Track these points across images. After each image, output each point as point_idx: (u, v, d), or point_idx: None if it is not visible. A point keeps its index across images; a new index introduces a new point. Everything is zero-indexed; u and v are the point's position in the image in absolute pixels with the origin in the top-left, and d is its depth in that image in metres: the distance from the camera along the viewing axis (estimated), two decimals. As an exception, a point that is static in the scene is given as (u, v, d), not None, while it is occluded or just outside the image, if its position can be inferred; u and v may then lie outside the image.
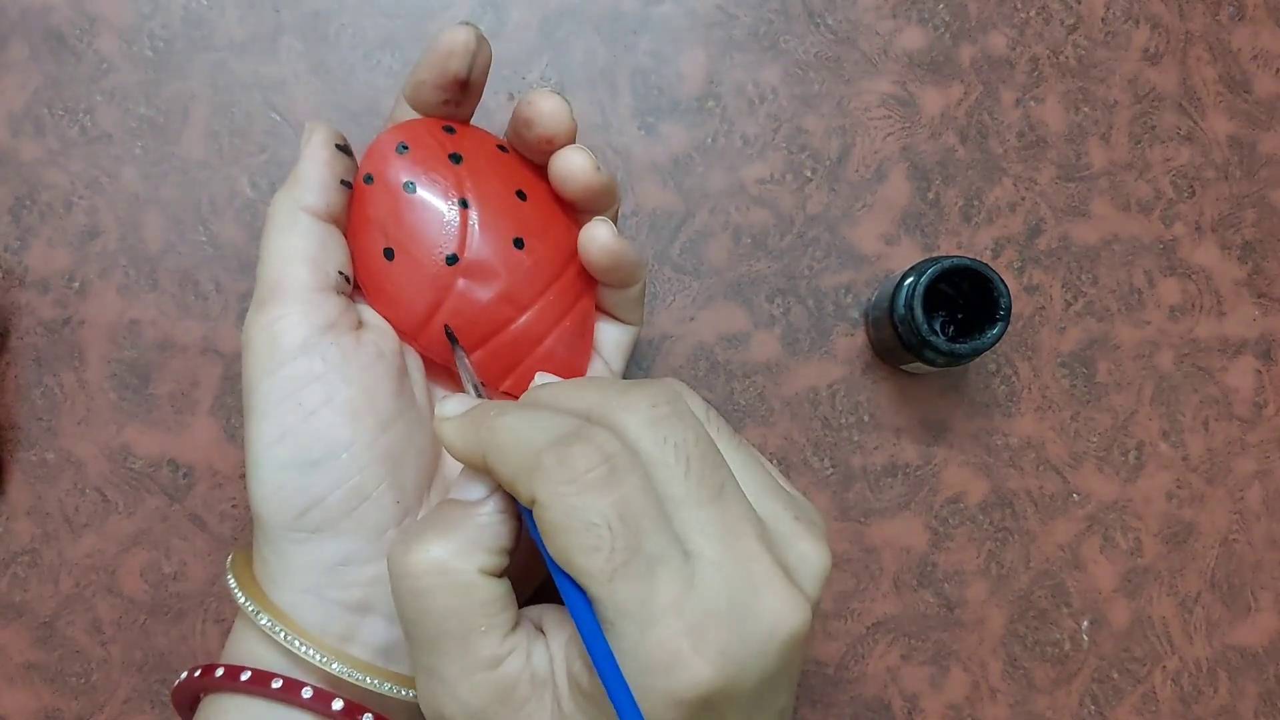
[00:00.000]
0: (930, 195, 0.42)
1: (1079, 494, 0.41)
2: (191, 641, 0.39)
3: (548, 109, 0.30)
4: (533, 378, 0.32)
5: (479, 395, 0.29)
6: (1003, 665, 0.41)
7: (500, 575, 0.26)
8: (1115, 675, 0.41)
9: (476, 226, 0.30)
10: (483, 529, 0.26)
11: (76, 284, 0.40)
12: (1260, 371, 0.42)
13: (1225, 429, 0.42)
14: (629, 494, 0.24)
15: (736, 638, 0.24)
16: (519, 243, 0.31)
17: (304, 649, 0.28)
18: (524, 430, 0.25)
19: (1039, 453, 0.41)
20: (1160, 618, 0.41)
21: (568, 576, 0.24)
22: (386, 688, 0.28)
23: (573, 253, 0.32)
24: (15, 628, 0.39)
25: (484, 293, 0.31)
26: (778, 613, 0.24)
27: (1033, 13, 0.43)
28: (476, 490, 0.27)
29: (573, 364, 0.33)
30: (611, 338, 0.34)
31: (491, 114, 0.41)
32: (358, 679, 0.28)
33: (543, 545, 0.25)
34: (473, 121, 0.33)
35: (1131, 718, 0.41)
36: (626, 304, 0.33)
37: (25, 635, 0.38)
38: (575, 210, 0.32)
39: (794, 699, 0.27)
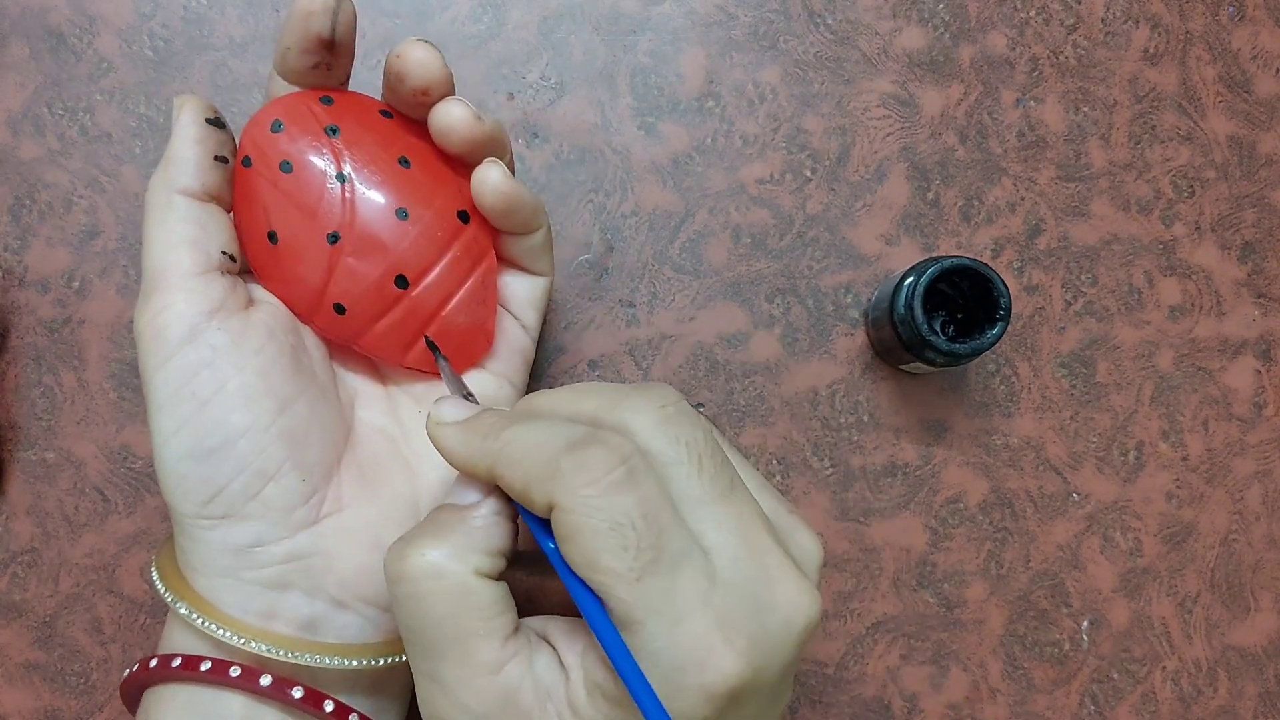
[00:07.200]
0: (930, 195, 0.42)
1: (1079, 494, 0.41)
2: (191, 641, 0.39)
3: (416, 58, 0.29)
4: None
5: (470, 400, 0.29)
6: (1003, 665, 0.41)
7: (498, 578, 0.26)
8: (1115, 675, 0.41)
9: (357, 201, 0.29)
10: (478, 531, 0.26)
11: (76, 284, 0.40)
12: (1260, 371, 0.42)
13: (1225, 429, 0.42)
14: (648, 493, 0.24)
15: (760, 629, 0.24)
16: (403, 213, 0.30)
17: (222, 632, 0.28)
18: (536, 438, 0.25)
19: (1039, 453, 0.41)
20: (1160, 618, 0.41)
21: (581, 583, 0.24)
22: (309, 658, 0.28)
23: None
24: (15, 628, 0.39)
25: (371, 268, 0.30)
26: (794, 603, 0.25)
27: (1033, 13, 0.43)
28: (471, 494, 0.27)
29: (476, 332, 0.32)
30: (521, 291, 0.33)
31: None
32: (280, 655, 0.28)
33: (553, 553, 0.25)
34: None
35: (1131, 718, 0.41)
36: (532, 252, 0.32)
37: (25, 635, 0.39)
38: (467, 169, 0.31)
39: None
